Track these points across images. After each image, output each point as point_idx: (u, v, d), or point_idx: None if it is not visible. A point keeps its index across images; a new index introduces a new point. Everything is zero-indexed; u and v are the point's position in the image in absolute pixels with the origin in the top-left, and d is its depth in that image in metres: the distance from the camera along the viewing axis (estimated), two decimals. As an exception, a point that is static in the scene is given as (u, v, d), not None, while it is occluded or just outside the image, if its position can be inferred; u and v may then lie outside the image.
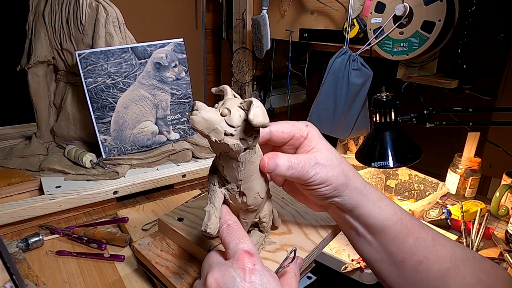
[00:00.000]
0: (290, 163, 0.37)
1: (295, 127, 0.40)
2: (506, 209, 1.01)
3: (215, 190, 0.38)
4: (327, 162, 0.38)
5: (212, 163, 0.40)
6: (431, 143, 1.56)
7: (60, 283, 0.56)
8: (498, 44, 1.26)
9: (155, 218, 0.71)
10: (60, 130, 0.95)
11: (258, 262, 0.33)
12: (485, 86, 1.08)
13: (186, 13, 1.65)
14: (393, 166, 0.83)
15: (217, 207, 0.37)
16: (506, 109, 0.87)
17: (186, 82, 0.92)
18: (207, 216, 0.36)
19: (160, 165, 0.91)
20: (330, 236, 0.49)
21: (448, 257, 0.39)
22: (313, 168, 0.37)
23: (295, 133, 0.40)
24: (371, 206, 0.40)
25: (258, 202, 0.40)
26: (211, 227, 0.35)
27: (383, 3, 1.05)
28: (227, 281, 0.32)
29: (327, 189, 0.38)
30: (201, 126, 0.33)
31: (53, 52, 0.92)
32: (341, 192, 0.39)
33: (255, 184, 0.38)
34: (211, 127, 0.33)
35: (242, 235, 0.36)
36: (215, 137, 0.34)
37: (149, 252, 0.48)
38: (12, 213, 0.67)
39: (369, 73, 1.18)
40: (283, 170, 0.37)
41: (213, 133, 0.34)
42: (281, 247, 0.45)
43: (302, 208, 0.53)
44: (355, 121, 1.24)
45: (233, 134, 0.34)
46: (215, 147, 0.36)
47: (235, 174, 0.37)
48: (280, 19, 1.42)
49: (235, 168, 0.37)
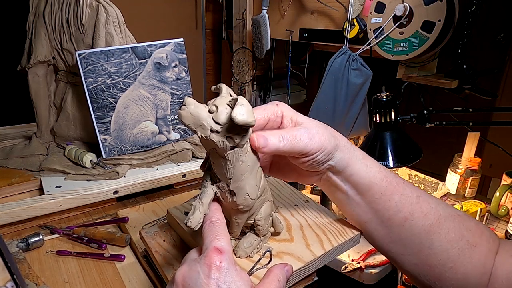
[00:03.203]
0: (281, 134, 0.37)
1: (267, 110, 0.40)
2: (506, 209, 1.01)
3: (206, 186, 0.39)
4: (315, 128, 0.39)
5: (208, 160, 0.41)
6: (431, 143, 1.56)
7: (60, 283, 0.56)
8: (498, 44, 1.26)
9: (155, 218, 0.70)
10: (60, 130, 0.95)
11: (226, 260, 0.32)
12: (485, 86, 1.08)
13: (186, 13, 1.65)
14: (393, 166, 0.83)
15: (204, 202, 0.38)
16: (506, 109, 0.87)
17: (186, 82, 0.92)
18: (192, 210, 0.37)
19: (160, 165, 0.91)
20: (334, 251, 0.47)
21: (432, 214, 0.40)
22: (305, 136, 0.38)
23: (269, 115, 0.40)
24: (359, 164, 0.41)
25: (248, 203, 0.39)
26: (191, 221, 0.36)
27: (383, 3, 1.05)
28: (192, 275, 0.32)
29: (323, 155, 0.39)
30: (188, 121, 0.34)
31: (53, 52, 0.92)
32: (334, 154, 0.40)
33: (245, 184, 0.38)
34: (198, 122, 0.34)
35: (220, 232, 0.35)
36: (202, 133, 0.34)
37: (152, 241, 0.50)
38: (12, 213, 0.67)
39: (369, 73, 1.18)
40: (275, 143, 0.37)
41: (200, 129, 0.34)
42: (276, 254, 0.44)
43: (313, 218, 0.51)
44: (355, 121, 1.24)
45: (218, 131, 0.34)
46: (204, 143, 0.37)
47: (225, 172, 0.37)
48: (280, 19, 1.42)
49: (224, 166, 0.37)
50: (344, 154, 0.40)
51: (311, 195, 1.09)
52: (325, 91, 1.25)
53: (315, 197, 1.07)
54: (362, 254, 0.85)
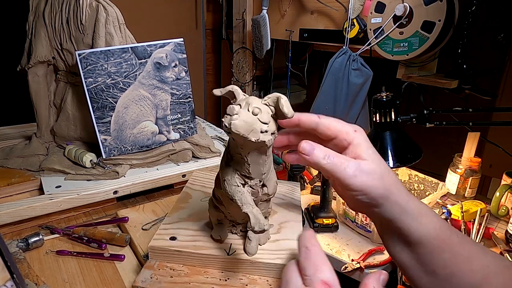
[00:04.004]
0: (328, 152, 0.37)
1: (343, 128, 0.39)
2: (506, 209, 1.01)
3: (242, 191, 0.40)
4: (369, 171, 0.37)
5: (223, 168, 0.41)
6: (431, 143, 1.56)
7: (60, 283, 0.56)
8: (498, 44, 1.26)
9: (155, 218, 0.71)
10: (60, 130, 0.95)
11: None
12: (485, 86, 1.08)
13: (186, 13, 1.65)
14: (393, 166, 0.83)
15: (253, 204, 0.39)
16: (506, 109, 0.87)
17: (186, 82, 0.92)
18: (254, 216, 0.37)
19: (160, 165, 0.91)
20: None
21: (481, 271, 0.38)
22: (352, 169, 0.36)
23: (339, 134, 0.39)
24: (411, 221, 0.38)
25: (276, 189, 0.43)
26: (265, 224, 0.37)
27: (383, 3, 1.05)
28: None
29: (364, 198, 0.37)
30: (243, 129, 0.34)
31: (53, 52, 0.92)
32: (379, 204, 0.38)
33: (273, 175, 0.41)
34: (250, 128, 0.35)
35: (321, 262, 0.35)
36: (254, 137, 0.35)
37: (161, 285, 0.44)
38: (12, 213, 0.67)
39: (369, 73, 1.18)
40: (319, 157, 0.36)
41: (252, 134, 0.35)
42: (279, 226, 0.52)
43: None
44: (355, 121, 1.24)
45: (267, 130, 0.35)
46: (248, 147, 0.38)
47: (261, 169, 0.39)
48: (280, 19, 1.42)
49: (262, 163, 0.39)
50: (392, 209, 0.38)
51: (311, 195, 1.09)
52: (325, 91, 1.25)
53: (315, 197, 1.07)
54: (362, 254, 0.84)
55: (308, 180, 1.22)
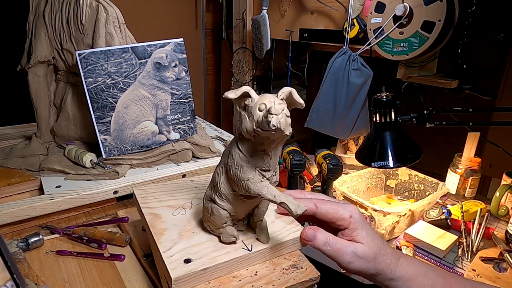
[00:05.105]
0: (328, 240, 0.43)
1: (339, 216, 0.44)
2: (506, 209, 1.01)
3: (267, 185, 0.41)
4: (364, 255, 0.43)
5: (243, 170, 0.41)
6: (431, 143, 1.56)
7: (60, 283, 0.56)
8: (498, 44, 1.26)
9: (155, 218, 0.71)
10: (60, 130, 0.95)
11: None
12: (485, 86, 1.08)
13: (186, 13, 1.65)
14: (393, 166, 0.83)
15: (281, 193, 0.41)
16: (506, 109, 0.87)
17: (186, 82, 0.92)
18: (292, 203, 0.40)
19: (160, 165, 0.91)
20: None
21: None
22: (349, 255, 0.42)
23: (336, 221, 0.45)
24: (401, 286, 0.43)
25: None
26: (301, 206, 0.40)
27: (383, 3, 1.05)
28: None
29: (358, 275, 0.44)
30: (285, 126, 0.36)
31: (53, 52, 0.92)
32: (372, 277, 0.44)
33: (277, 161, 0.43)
34: (288, 122, 0.37)
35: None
36: (289, 131, 0.37)
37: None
38: (12, 213, 0.67)
39: (369, 73, 1.18)
40: (319, 244, 0.43)
41: (288, 128, 0.37)
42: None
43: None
44: (355, 121, 1.24)
45: (290, 122, 0.38)
46: (276, 141, 0.40)
47: (277, 160, 0.41)
48: (280, 19, 1.42)
49: (278, 154, 0.41)
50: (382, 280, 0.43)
51: (311, 195, 1.10)
52: (325, 91, 1.25)
53: (315, 197, 1.07)
54: (362, 254, 0.85)
55: (308, 180, 1.22)
